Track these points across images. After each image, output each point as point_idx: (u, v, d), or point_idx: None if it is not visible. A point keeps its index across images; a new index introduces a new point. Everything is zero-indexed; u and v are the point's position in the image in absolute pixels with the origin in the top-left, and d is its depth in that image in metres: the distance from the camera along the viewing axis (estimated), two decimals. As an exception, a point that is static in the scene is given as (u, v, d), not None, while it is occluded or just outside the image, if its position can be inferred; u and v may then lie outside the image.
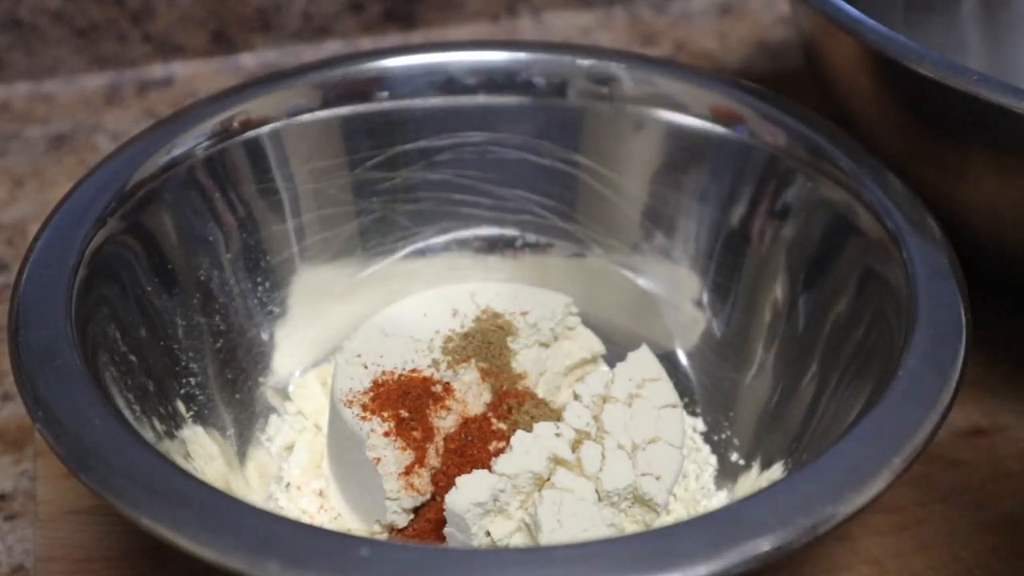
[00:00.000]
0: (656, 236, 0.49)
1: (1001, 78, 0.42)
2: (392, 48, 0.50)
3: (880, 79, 0.48)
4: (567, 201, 0.50)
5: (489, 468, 0.40)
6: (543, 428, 0.41)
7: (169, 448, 0.39)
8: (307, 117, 0.48)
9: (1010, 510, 0.45)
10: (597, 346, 0.47)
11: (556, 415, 0.42)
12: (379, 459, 0.41)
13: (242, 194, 0.47)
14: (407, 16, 0.70)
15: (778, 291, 0.46)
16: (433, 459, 0.42)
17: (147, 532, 0.32)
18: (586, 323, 0.47)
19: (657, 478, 0.40)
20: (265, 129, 0.48)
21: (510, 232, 0.51)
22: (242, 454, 0.45)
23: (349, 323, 0.48)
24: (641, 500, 0.40)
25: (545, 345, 0.46)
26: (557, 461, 0.40)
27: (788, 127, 0.47)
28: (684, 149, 0.49)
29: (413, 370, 0.43)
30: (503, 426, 0.42)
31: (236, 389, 0.46)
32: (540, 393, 0.45)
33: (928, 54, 0.44)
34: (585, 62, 0.50)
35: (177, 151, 0.45)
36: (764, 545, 0.32)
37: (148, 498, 0.33)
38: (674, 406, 0.43)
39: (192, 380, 0.44)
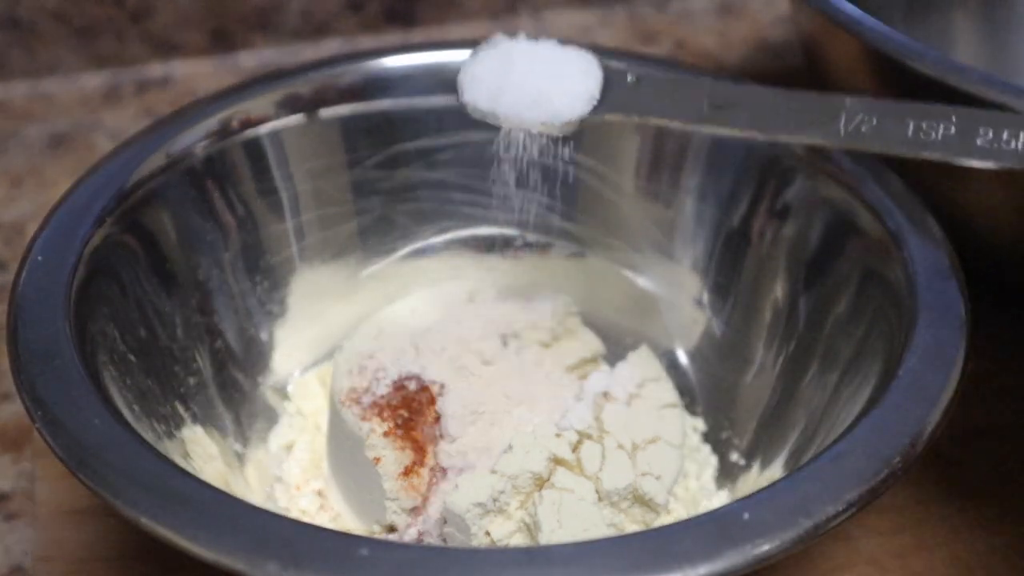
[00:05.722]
0: (656, 236, 0.49)
1: (1001, 77, 0.42)
2: (392, 47, 0.50)
3: (880, 78, 0.47)
4: (567, 201, 0.50)
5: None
6: (543, 428, 0.41)
7: (169, 448, 0.39)
8: (307, 116, 0.48)
9: (1010, 510, 0.45)
10: (597, 346, 0.47)
11: None
12: (379, 459, 0.41)
13: (241, 193, 0.47)
14: (407, 15, 0.70)
15: (778, 291, 0.46)
16: (433, 459, 0.42)
17: (147, 532, 0.32)
18: (586, 323, 0.47)
19: (657, 478, 0.40)
20: (264, 128, 0.47)
21: (510, 232, 0.51)
22: (242, 454, 0.45)
23: (349, 323, 0.48)
24: (641, 500, 0.40)
25: (545, 345, 0.46)
26: (557, 461, 0.40)
27: (788, 126, 0.47)
28: (684, 148, 0.49)
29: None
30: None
31: (236, 389, 0.46)
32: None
33: (928, 53, 0.44)
34: (585, 61, 0.50)
35: (176, 150, 0.45)
36: (764, 545, 0.32)
37: (148, 498, 0.33)
38: (674, 406, 0.43)
39: (192, 380, 0.44)
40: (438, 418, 0.42)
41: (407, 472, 0.41)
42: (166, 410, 0.41)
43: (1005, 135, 0.38)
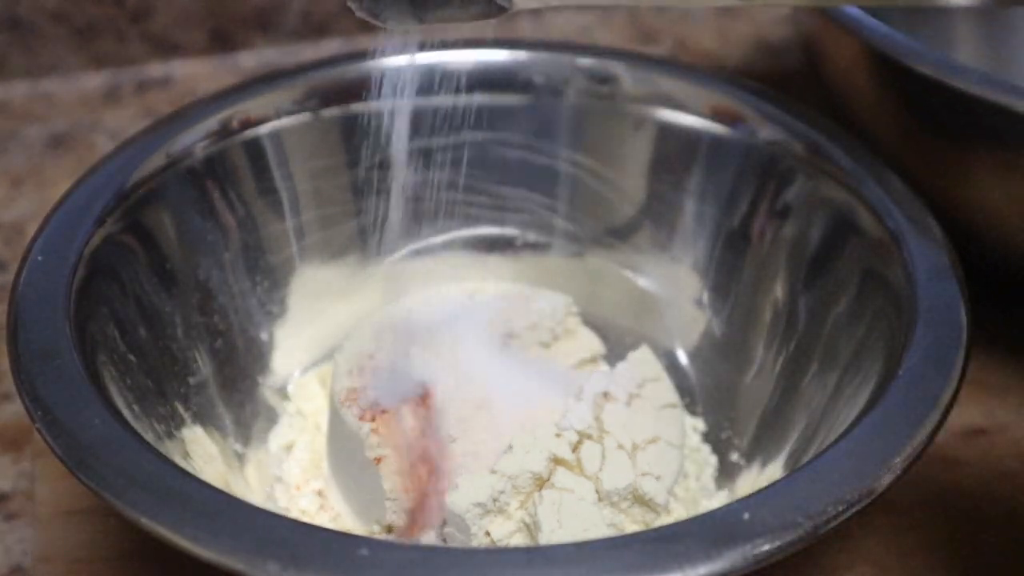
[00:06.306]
0: (656, 236, 0.49)
1: (1001, 78, 0.42)
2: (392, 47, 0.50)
3: (880, 79, 0.47)
4: (568, 201, 0.50)
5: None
6: (543, 428, 0.41)
7: (169, 448, 0.39)
8: (307, 116, 0.48)
9: (1010, 510, 0.45)
10: (597, 346, 0.47)
11: None
12: (379, 459, 0.41)
13: (241, 193, 0.47)
14: (406, 15, 0.70)
15: (778, 291, 0.46)
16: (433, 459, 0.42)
17: (147, 532, 0.32)
18: (586, 323, 0.47)
19: (657, 478, 0.40)
20: (264, 128, 0.47)
21: (510, 232, 0.51)
22: (242, 454, 0.45)
23: (349, 323, 0.48)
24: (641, 500, 0.40)
25: (545, 345, 0.46)
26: (557, 461, 0.40)
27: (788, 126, 0.47)
28: (684, 148, 0.49)
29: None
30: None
31: (236, 389, 0.46)
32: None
33: (928, 54, 0.44)
34: (585, 61, 0.50)
35: (176, 150, 0.45)
36: (764, 545, 0.32)
37: (148, 498, 0.33)
38: (674, 406, 0.43)
39: (192, 380, 0.44)
40: (438, 418, 0.42)
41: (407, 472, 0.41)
42: (166, 410, 0.41)
43: None
